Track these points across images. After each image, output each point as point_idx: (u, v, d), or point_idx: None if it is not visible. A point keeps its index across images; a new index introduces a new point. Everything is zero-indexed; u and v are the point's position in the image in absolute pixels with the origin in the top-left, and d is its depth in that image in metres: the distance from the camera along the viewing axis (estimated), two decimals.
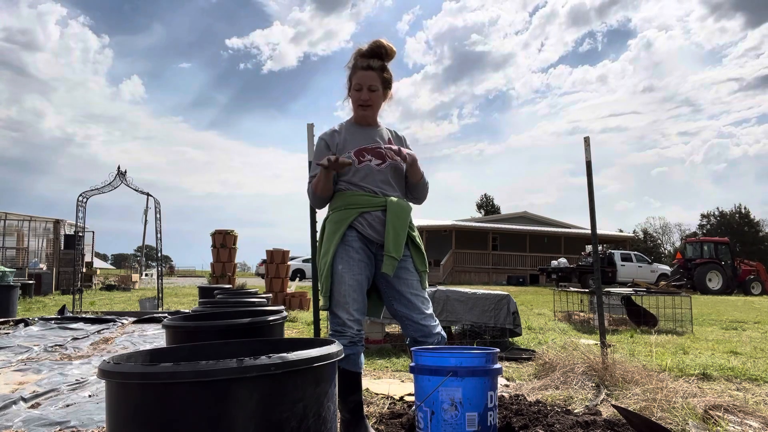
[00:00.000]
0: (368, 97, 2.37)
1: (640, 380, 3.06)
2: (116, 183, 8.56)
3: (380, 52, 2.37)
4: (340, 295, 2.21)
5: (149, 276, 26.19)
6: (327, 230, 2.34)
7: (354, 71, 2.38)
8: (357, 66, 2.37)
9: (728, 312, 10.27)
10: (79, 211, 8.39)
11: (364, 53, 2.37)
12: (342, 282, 2.21)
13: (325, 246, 2.31)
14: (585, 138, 3.63)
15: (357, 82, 2.36)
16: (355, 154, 2.33)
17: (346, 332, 2.18)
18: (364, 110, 2.40)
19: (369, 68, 2.34)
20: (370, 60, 2.36)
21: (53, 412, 2.66)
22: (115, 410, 1.25)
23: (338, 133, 2.42)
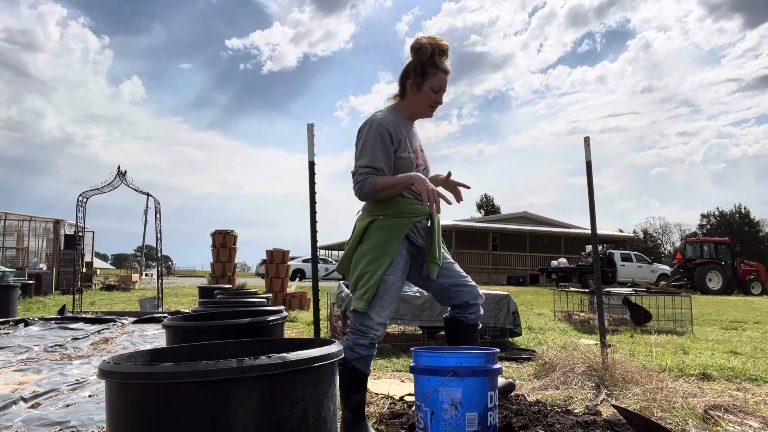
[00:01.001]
0: (441, 101, 2.35)
1: (640, 380, 3.06)
2: (116, 183, 8.56)
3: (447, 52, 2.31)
4: (381, 302, 2.19)
5: (149, 276, 26.19)
6: (378, 236, 2.24)
7: (435, 70, 2.28)
8: (439, 66, 2.28)
9: (728, 312, 10.27)
10: (79, 211, 8.39)
11: (440, 51, 2.28)
12: (388, 291, 2.20)
13: (376, 252, 2.22)
14: (585, 138, 3.63)
15: (439, 85, 2.30)
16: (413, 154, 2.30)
17: (370, 333, 2.18)
18: (432, 112, 2.37)
19: (448, 72, 2.31)
20: (446, 61, 2.30)
21: (53, 412, 2.66)
22: (115, 410, 1.25)
23: (397, 126, 2.29)
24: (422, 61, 2.27)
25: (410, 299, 4.79)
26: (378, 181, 2.16)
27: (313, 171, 3.34)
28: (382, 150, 2.20)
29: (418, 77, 2.29)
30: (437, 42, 2.28)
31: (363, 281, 2.20)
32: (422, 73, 2.29)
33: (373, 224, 2.27)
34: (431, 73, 2.28)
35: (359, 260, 2.26)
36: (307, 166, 3.34)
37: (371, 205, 2.30)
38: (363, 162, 2.19)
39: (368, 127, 2.24)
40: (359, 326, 2.20)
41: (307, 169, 3.34)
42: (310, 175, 3.34)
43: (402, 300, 4.80)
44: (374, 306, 2.18)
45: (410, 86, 2.31)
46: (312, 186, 3.35)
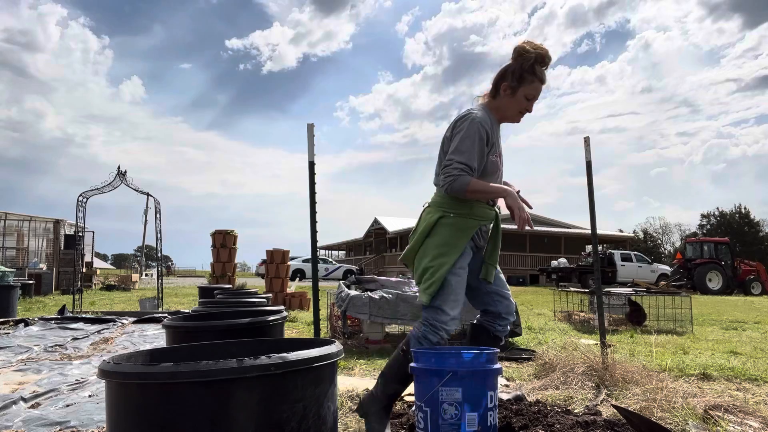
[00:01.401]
0: (531, 110, 2.33)
1: (640, 380, 3.06)
2: (116, 183, 8.56)
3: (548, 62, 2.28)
4: (454, 296, 2.22)
5: (149, 276, 26.19)
6: (447, 232, 2.25)
7: (531, 78, 2.26)
8: (537, 75, 2.26)
9: (728, 312, 10.27)
10: (79, 211, 8.39)
11: (540, 60, 2.25)
12: (459, 286, 2.23)
13: (444, 248, 2.23)
14: (585, 138, 3.63)
15: (532, 93, 2.28)
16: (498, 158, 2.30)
17: (441, 330, 2.22)
18: (519, 119, 2.36)
19: (545, 81, 2.28)
20: (545, 71, 2.28)
21: (53, 412, 2.66)
22: (115, 410, 1.25)
23: (491, 127, 2.27)
24: (522, 67, 2.25)
25: (410, 299, 4.79)
26: (471, 182, 2.13)
27: (313, 171, 3.34)
28: (479, 150, 2.18)
29: (514, 82, 2.26)
30: (541, 50, 2.26)
31: (428, 275, 2.23)
32: (520, 78, 2.26)
33: (442, 220, 2.26)
34: (528, 81, 2.26)
35: (425, 254, 2.27)
36: (307, 166, 3.34)
37: (443, 200, 2.28)
38: (461, 158, 2.16)
39: (469, 123, 2.20)
40: (432, 321, 2.23)
41: (307, 169, 3.34)
42: (310, 175, 3.34)
43: (402, 300, 4.79)
44: (447, 301, 2.21)
45: (504, 89, 2.29)
46: (312, 186, 3.35)
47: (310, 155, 3.33)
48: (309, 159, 3.34)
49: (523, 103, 2.29)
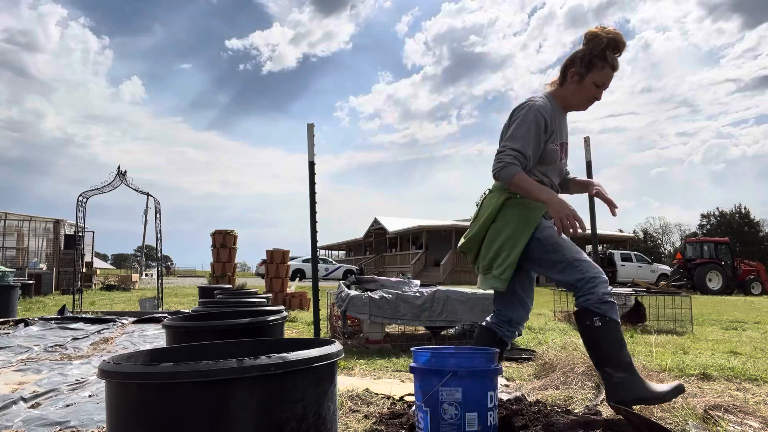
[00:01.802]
0: (600, 98, 2.26)
1: None
2: (116, 183, 8.56)
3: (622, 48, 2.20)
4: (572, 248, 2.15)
5: (149, 276, 26.19)
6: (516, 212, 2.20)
7: (601, 63, 2.18)
8: (608, 60, 2.17)
9: (728, 312, 10.27)
10: (79, 211, 8.39)
11: (612, 45, 2.17)
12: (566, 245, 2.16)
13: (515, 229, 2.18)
14: (585, 138, 3.64)
15: (602, 80, 2.20)
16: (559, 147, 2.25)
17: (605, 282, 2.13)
18: (587, 107, 2.29)
19: (616, 68, 2.20)
20: (617, 58, 2.19)
21: (53, 412, 2.66)
22: (115, 410, 1.25)
23: (553, 115, 2.22)
24: (593, 53, 2.18)
25: (410, 299, 4.79)
26: (517, 174, 2.08)
27: (313, 171, 3.34)
28: (535, 138, 2.14)
29: (582, 68, 2.20)
30: (614, 35, 2.17)
31: (500, 260, 2.19)
32: (589, 64, 2.19)
33: (509, 201, 2.22)
34: (598, 67, 2.18)
35: (494, 238, 2.21)
36: (307, 166, 3.35)
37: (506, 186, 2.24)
38: (514, 145, 2.11)
39: (526, 110, 2.16)
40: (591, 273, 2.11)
41: (307, 169, 3.34)
42: (310, 175, 3.34)
43: (402, 300, 4.79)
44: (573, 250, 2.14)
45: (572, 76, 2.23)
46: (312, 186, 3.35)
47: (310, 155, 3.33)
48: (309, 159, 3.34)
49: (591, 91, 2.23)
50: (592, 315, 2.10)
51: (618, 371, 2.09)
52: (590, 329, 2.12)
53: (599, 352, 2.14)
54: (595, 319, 2.08)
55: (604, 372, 2.14)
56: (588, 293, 2.11)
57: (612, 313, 2.10)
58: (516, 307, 2.39)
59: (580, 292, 2.13)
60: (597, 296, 2.09)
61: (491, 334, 2.42)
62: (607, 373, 2.12)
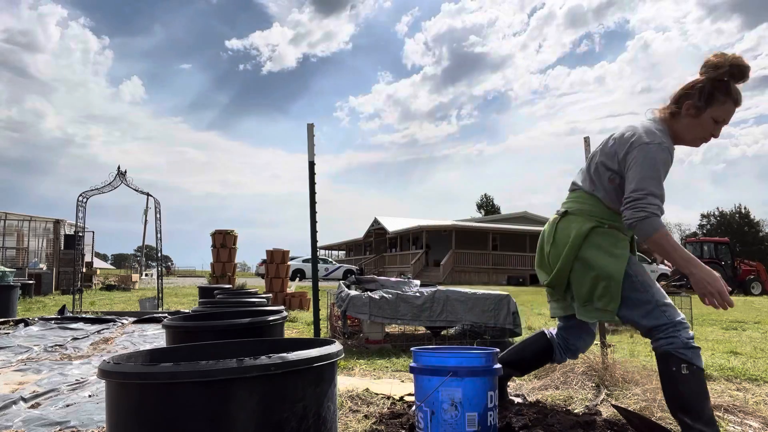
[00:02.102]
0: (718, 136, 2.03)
1: (640, 380, 3.06)
2: (116, 183, 8.56)
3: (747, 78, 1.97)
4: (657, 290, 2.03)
5: (149, 276, 26.19)
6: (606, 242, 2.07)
7: (724, 98, 1.96)
8: (732, 95, 1.95)
9: (728, 312, 10.27)
10: (79, 211, 8.39)
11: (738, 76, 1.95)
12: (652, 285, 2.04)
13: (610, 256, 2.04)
14: (585, 138, 3.63)
15: (722, 116, 1.98)
16: None
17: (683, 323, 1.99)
18: (699, 144, 2.07)
19: (739, 103, 1.99)
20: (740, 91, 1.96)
21: (53, 412, 2.66)
22: (115, 410, 1.25)
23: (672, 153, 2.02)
24: (714, 85, 1.96)
25: (410, 299, 4.79)
26: (660, 230, 1.90)
27: (313, 171, 3.34)
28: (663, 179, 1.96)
29: (701, 101, 1.98)
30: (738, 63, 1.94)
31: (600, 290, 2.03)
32: (709, 98, 1.97)
33: (597, 229, 2.09)
34: (720, 101, 1.96)
35: (588, 268, 2.06)
36: (307, 166, 3.35)
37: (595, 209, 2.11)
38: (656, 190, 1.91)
39: (657, 147, 1.94)
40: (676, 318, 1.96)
41: (307, 169, 3.34)
42: (310, 175, 3.34)
43: (402, 300, 4.79)
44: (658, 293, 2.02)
45: (687, 108, 2.01)
46: (312, 186, 3.35)
47: (310, 155, 3.33)
48: (309, 159, 3.34)
49: (709, 127, 2.00)
50: (679, 361, 1.92)
51: (698, 423, 1.90)
52: (676, 376, 1.94)
53: (681, 400, 1.95)
54: (683, 366, 1.92)
55: (681, 421, 1.95)
56: (672, 336, 1.95)
57: (698, 360, 1.93)
58: (583, 337, 2.33)
59: (661, 335, 1.97)
60: (682, 341, 1.94)
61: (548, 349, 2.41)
62: (685, 423, 1.93)
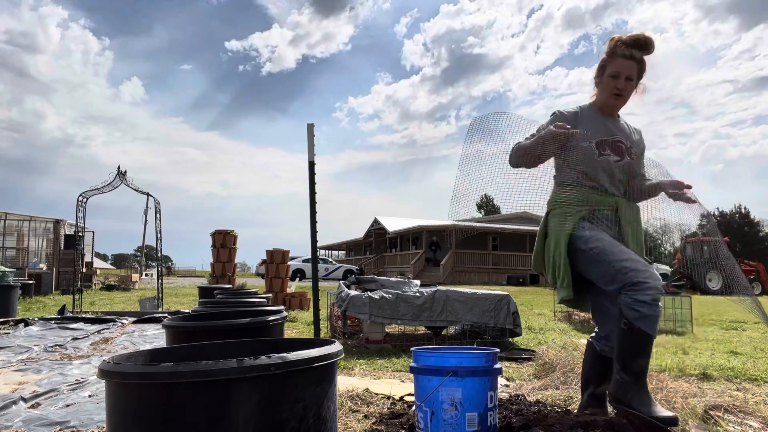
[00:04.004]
0: (623, 86, 2.31)
1: None
2: (116, 183, 8.55)
3: (643, 43, 2.29)
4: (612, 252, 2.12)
5: (149, 276, 26.19)
6: (552, 223, 2.32)
7: (612, 57, 2.30)
8: (617, 52, 2.29)
9: (728, 312, 10.26)
10: (79, 211, 8.39)
11: (626, 41, 2.29)
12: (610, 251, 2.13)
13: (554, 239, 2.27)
14: None
15: (615, 70, 2.29)
16: (596, 145, 2.28)
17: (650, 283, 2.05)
18: (616, 99, 2.35)
19: (630, 57, 2.27)
20: (632, 49, 2.28)
21: (53, 412, 2.66)
22: (115, 410, 1.25)
23: (580, 117, 2.35)
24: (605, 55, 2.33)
25: (410, 299, 4.79)
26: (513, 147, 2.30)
27: (313, 171, 3.34)
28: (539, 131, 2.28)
29: (599, 71, 2.37)
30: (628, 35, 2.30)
31: (555, 271, 2.26)
32: (601, 65, 2.35)
33: (551, 213, 2.36)
34: (608, 61, 2.31)
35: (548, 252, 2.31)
36: (307, 166, 3.35)
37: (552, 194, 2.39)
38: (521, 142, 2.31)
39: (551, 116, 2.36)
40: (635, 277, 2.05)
41: (307, 169, 3.34)
42: (310, 175, 3.34)
43: (402, 300, 4.79)
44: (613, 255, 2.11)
45: (595, 81, 2.41)
46: (312, 186, 3.35)
47: (310, 155, 3.33)
48: (309, 159, 3.34)
49: (610, 84, 2.32)
50: (621, 319, 2.09)
51: (623, 373, 2.11)
52: (618, 330, 2.13)
53: (617, 351, 2.16)
54: (623, 322, 2.09)
55: (615, 368, 2.17)
56: (625, 295, 2.07)
57: (641, 323, 2.03)
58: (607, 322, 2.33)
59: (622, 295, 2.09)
60: (630, 300, 2.05)
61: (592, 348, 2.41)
62: (617, 369, 2.16)
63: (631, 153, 2.33)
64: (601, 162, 2.27)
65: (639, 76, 2.35)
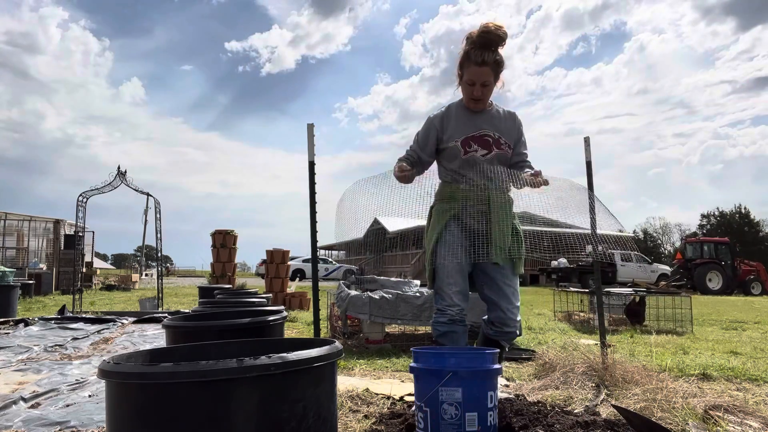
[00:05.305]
0: (480, 93, 2.31)
1: (640, 380, 3.06)
2: (116, 183, 8.55)
3: (493, 41, 2.25)
4: (441, 278, 2.38)
5: (149, 276, 26.19)
6: (432, 219, 2.48)
7: (467, 63, 2.28)
8: (471, 59, 2.26)
9: (728, 312, 10.26)
10: (79, 211, 8.39)
11: (477, 43, 2.24)
12: (443, 266, 2.38)
13: (430, 234, 2.45)
14: (585, 138, 3.63)
15: (470, 78, 2.28)
16: (461, 143, 2.35)
17: (447, 311, 2.35)
18: (476, 104, 2.37)
19: (483, 63, 2.25)
20: (485, 53, 2.23)
21: (53, 412, 2.66)
22: (115, 410, 1.25)
23: (447, 118, 2.39)
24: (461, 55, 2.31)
25: (410, 299, 4.79)
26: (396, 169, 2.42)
27: (313, 171, 3.34)
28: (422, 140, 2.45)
29: (458, 69, 2.36)
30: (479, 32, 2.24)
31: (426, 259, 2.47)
32: (460, 66, 2.34)
33: (432, 208, 2.53)
34: (464, 66, 2.30)
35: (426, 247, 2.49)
36: (307, 166, 3.34)
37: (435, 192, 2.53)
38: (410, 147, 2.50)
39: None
40: (437, 306, 2.39)
41: (307, 169, 3.34)
42: (310, 175, 3.34)
43: (402, 300, 4.79)
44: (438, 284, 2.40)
45: (457, 77, 2.38)
46: (312, 186, 3.35)
47: (310, 155, 3.33)
48: (309, 159, 3.33)
49: (467, 90, 2.33)
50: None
51: None
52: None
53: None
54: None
55: None
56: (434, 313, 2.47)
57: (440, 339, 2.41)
58: (491, 308, 2.49)
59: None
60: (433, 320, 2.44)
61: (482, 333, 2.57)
62: None
63: (500, 144, 2.38)
64: (467, 159, 2.37)
65: (496, 76, 2.32)
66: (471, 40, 2.25)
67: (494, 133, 2.41)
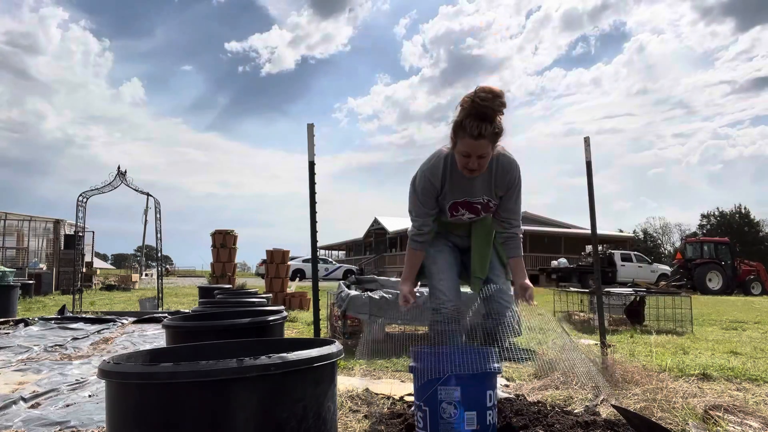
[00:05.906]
0: (476, 165, 2.12)
1: (640, 380, 3.06)
2: (116, 183, 8.55)
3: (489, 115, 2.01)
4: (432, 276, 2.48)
5: (149, 276, 26.19)
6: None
7: (461, 133, 2.06)
8: (466, 130, 2.03)
9: (728, 312, 10.26)
10: (79, 211, 8.39)
11: (472, 114, 2.02)
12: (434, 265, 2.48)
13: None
14: (585, 138, 3.63)
15: (465, 150, 2.07)
16: (449, 208, 2.38)
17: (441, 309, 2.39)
18: (471, 173, 2.17)
19: (480, 137, 2.03)
20: (481, 126, 2.01)
21: (53, 412, 2.66)
22: (115, 410, 1.25)
23: (444, 178, 2.25)
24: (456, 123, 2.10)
25: None
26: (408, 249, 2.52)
27: (313, 171, 3.34)
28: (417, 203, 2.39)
29: (453, 136, 2.14)
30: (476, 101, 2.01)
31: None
32: (454, 134, 2.13)
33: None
34: (460, 136, 2.08)
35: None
36: (307, 166, 3.34)
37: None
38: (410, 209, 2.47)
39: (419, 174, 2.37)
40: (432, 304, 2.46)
41: (307, 169, 3.34)
42: (310, 175, 3.34)
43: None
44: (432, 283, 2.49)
45: (451, 139, 2.17)
46: (312, 186, 3.35)
47: (310, 155, 3.33)
48: (309, 159, 3.34)
49: (462, 161, 2.13)
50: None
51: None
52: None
53: None
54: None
55: None
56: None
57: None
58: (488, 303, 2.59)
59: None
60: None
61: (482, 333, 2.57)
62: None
63: (489, 208, 2.38)
64: (454, 221, 2.46)
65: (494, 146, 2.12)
66: (466, 109, 2.04)
67: (484, 197, 2.32)
